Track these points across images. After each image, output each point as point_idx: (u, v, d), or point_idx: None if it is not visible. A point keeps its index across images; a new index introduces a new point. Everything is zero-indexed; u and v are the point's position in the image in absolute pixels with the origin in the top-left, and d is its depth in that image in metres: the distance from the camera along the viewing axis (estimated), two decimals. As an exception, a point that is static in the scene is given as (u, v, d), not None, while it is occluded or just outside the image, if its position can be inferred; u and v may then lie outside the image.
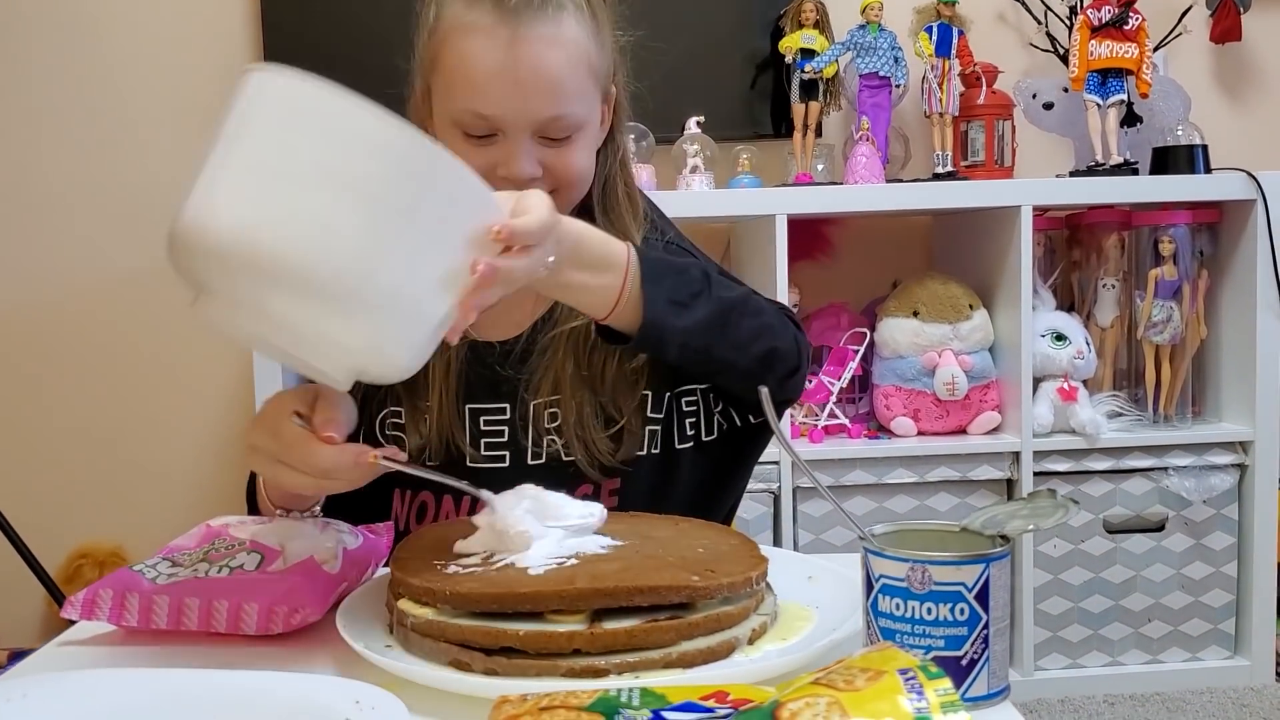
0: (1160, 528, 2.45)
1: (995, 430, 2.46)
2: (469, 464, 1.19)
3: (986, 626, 0.76)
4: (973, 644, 0.75)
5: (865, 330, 2.50)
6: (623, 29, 1.21)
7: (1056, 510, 0.81)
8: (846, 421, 2.46)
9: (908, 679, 0.52)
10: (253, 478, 1.14)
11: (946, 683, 0.52)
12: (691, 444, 1.22)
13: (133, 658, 0.91)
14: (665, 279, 1.04)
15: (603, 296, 1.00)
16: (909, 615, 0.76)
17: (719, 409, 1.22)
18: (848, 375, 2.47)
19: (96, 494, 2.68)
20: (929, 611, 0.75)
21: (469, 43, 1.09)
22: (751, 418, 1.22)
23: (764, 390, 0.83)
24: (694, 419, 1.22)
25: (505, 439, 1.18)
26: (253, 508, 1.15)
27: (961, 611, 0.75)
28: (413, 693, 0.77)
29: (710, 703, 0.57)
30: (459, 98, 1.10)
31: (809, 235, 2.64)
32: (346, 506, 1.10)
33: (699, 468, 1.22)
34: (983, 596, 0.75)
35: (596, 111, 1.16)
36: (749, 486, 1.35)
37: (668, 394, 1.20)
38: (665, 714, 0.56)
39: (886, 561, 0.77)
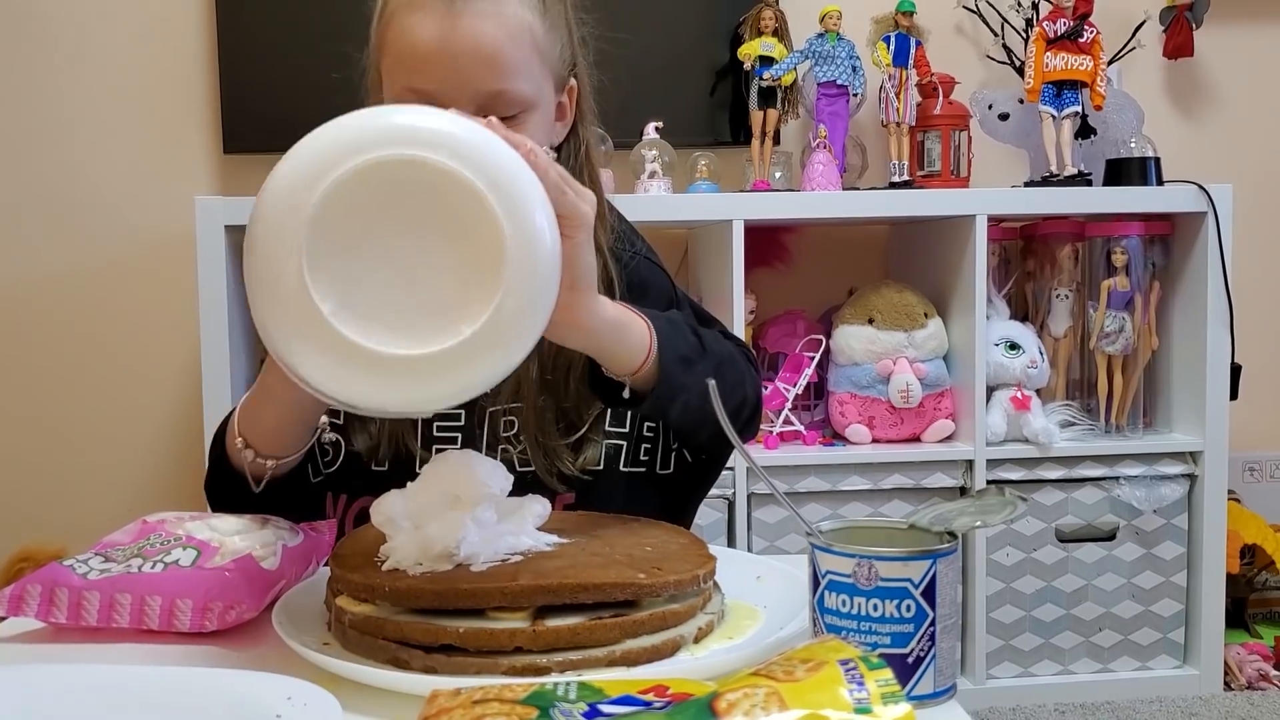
0: (1111, 537, 2.46)
1: (949, 438, 2.46)
2: (418, 468, 1.17)
3: (933, 624, 0.75)
4: (919, 641, 0.75)
5: (821, 337, 2.50)
6: (584, 21, 1.20)
7: (1005, 507, 0.80)
8: (801, 428, 2.45)
9: (848, 670, 0.51)
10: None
11: (888, 673, 0.50)
12: (645, 472, 1.21)
13: (60, 655, 0.88)
14: (674, 336, 1.04)
15: (632, 354, 1.01)
16: (855, 612, 0.75)
17: (675, 447, 1.21)
18: (803, 382, 2.47)
19: (38, 496, 2.63)
20: (875, 608, 0.74)
21: (409, 20, 1.09)
22: (703, 456, 1.22)
23: (711, 383, 0.82)
24: (650, 447, 1.21)
25: (458, 445, 1.16)
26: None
27: (908, 608, 0.74)
28: (351, 691, 0.75)
29: (649, 696, 0.56)
30: (400, 76, 1.09)
31: (766, 242, 2.64)
32: (288, 511, 1.08)
33: (651, 498, 1.21)
34: (929, 593, 0.75)
35: (547, 95, 1.14)
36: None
37: (628, 412, 1.18)
38: (602, 707, 0.54)
39: (833, 557, 0.76)
